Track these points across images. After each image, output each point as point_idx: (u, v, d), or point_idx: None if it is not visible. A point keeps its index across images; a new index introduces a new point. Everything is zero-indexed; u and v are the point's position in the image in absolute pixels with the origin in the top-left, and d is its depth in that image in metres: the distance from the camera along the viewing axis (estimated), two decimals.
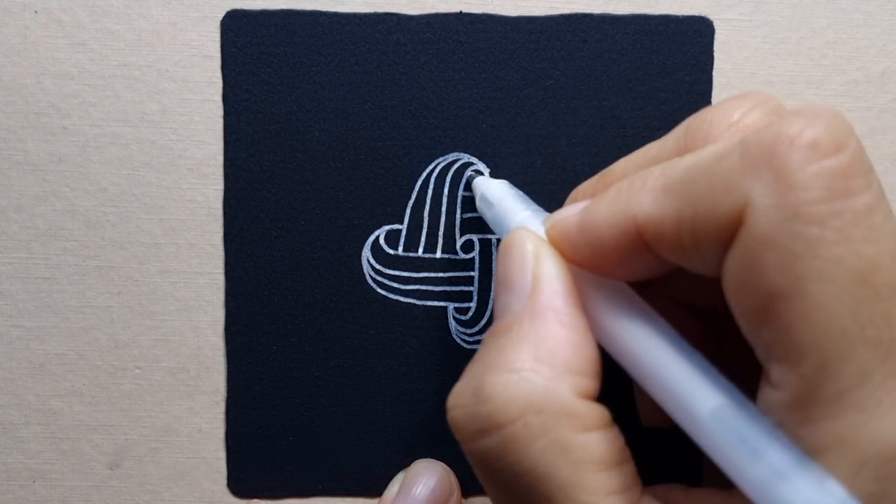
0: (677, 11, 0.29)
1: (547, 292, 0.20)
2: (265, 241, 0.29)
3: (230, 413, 0.30)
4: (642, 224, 0.19)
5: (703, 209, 0.17)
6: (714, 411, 0.18)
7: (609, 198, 0.20)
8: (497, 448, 0.19)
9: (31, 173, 0.29)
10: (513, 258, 0.21)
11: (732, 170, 0.17)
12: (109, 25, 0.29)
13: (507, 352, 0.20)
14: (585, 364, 0.19)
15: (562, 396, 0.19)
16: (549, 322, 0.20)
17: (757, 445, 0.17)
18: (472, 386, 0.20)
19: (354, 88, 0.29)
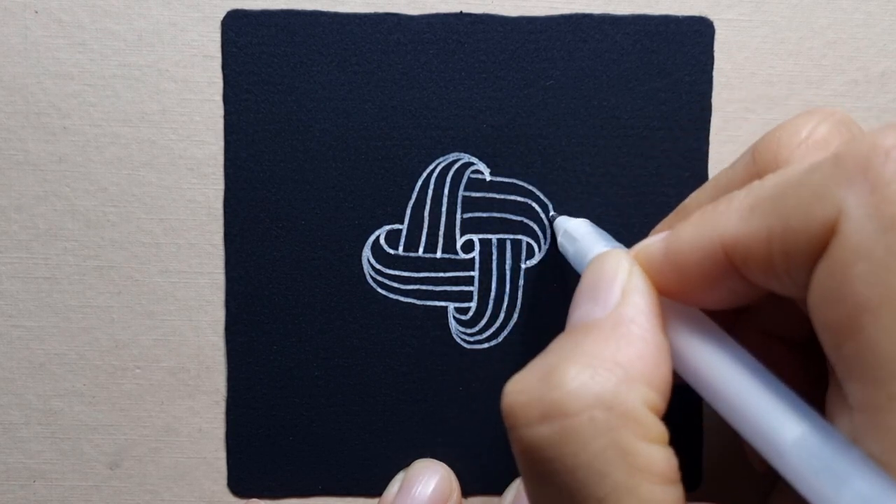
0: (677, 11, 0.29)
1: (633, 306, 0.20)
2: (265, 241, 0.29)
3: (230, 413, 0.30)
4: (729, 244, 0.19)
5: (794, 222, 0.17)
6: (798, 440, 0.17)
7: (694, 221, 0.20)
8: (557, 437, 0.18)
9: (31, 173, 0.29)
10: (604, 270, 0.21)
11: (825, 180, 0.17)
12: (109, 25, 0.29)
13: (586, 347, 0.19)
14: (658, 381, 0.19)
15: (632, 401, 0.18)
16: (632, 332, 0.19)
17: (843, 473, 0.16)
18: (541, 372, 0.19)
19: (354, 88, 0.29)
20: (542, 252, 0.30)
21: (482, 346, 0.30)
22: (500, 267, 0.30)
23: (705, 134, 0.29)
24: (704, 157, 0.30)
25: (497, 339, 0.30)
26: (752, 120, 0.30)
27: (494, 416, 0.30)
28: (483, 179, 0.29)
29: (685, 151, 0.29)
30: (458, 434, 0.30)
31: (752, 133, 0.30)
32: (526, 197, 0.29)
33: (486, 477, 0.30)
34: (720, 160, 0.30)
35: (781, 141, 0.21)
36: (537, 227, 0.29)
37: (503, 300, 0.30)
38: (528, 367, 0.20)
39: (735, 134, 0.30)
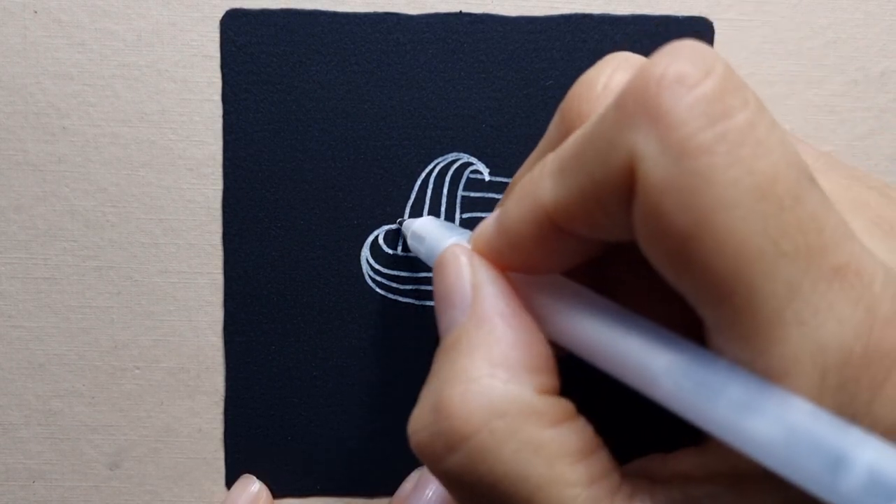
0: (677, 12, 0.29)
1: (488, 297, 0.20)
2: (265, 241, 0.29)
3: (229, 413, 0.30)
4: (551, 209, 0.19)
5: (597, 175, 0.17)
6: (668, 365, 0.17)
7: (515, 196, 0.20)
8: (467, 461, 0.18)
9: (31, 173, 0.29)
10: (448, 273, 0.21)
11: (612, 127, 0.17)
12: (109, 25, 0.29)
13: (460, 363, 0.19)
14: (540, 361, 0.19)
15: (523, 396, 0.18)
16: (497, 326, 0.19)
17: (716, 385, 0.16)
18: (430, 405, 0.19)
19: (354, 88, 0.29)
20: None
21: None
22: None
23: None
24: None
25: None
26: None
27: None
28: (482, 179, 0.29)
29: None
30: None
31: None
32: None
33: None
34: None
35: (581, 96, 0.20)
36: None
37: None
38: (420, 401, 0.20)
39: None
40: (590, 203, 0.18)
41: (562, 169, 0.18)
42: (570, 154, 0.18)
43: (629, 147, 0.16)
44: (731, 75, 0.16)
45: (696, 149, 0.16)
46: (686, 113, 0.16)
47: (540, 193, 0.19)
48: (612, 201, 0.17)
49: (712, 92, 0.16)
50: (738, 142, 0.16)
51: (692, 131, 0.16)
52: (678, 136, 0.16)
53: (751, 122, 0.16)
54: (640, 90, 0.16)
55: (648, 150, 0.16)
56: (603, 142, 0.17)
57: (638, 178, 0.16)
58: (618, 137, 0.17)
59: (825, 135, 0.30)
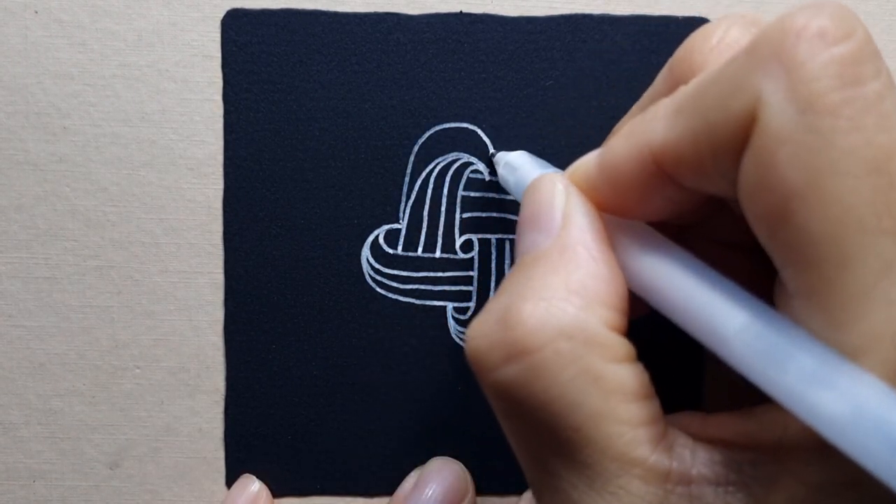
0: (677, 12, 0.29)
1: (577, 228, 0.20)
2: (265, 241, 0.29)
3: (229, 412, 0.30)
4: (658, 150, 0.18)
5: (715, 117, 0.17)
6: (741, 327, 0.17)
7: (623, 134, 0.20)
8: (524, 375, 0.18)
9: (31, 173, 0.29)
10: (541, 197, 0.21)
11: (740, 70, 0.17)
12: (109, 25, 0.29)
13: (537, 281, 0.19)
14: (615, 298, 0.19)
15: (592, 326, 0.18)
16: (580, 255, 0.19)
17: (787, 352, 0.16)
18: (497, 314, 0.19)
19: (354, 88, 0.29)
20: None
21: None
22: (500, 267, 0.30)
23: None
24: None
25: None
26: None
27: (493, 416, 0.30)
28: (482, 179, 0.29)
29: None
30: (457, 433, 0.30)
31: None
32: None
33: (485, 476, 0.30)
34: None
35: (694, 48, 0.20)
36: None
37: None
38: (485, 310, 0.20)
39: None
40: (701, 146, 0.18)
41: (678, 110, 0.18)
42: (689, 96, 0.18)
43: (755, 91, 0.16)
44: (870, 42, 0.16)
45: (823, 107, 0.16)
46: (821, 69, 0.16)
47: (650, 134, 0.19)
48: (724, 146, 0.17)
49: (850, 54, 0.16)
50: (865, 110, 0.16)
51: (823, 89, 0.16)
52: (808, 90, 0.16)
53: (880, 94, 0.16)
54: (778, 37, 0.16)
55: (775, 98, 0.16)
56: (727, 84, 0.17)
57: (758, 124, 0.16)
58: (745, 80, 0.17)
59: None
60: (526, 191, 0.22)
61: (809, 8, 0.16)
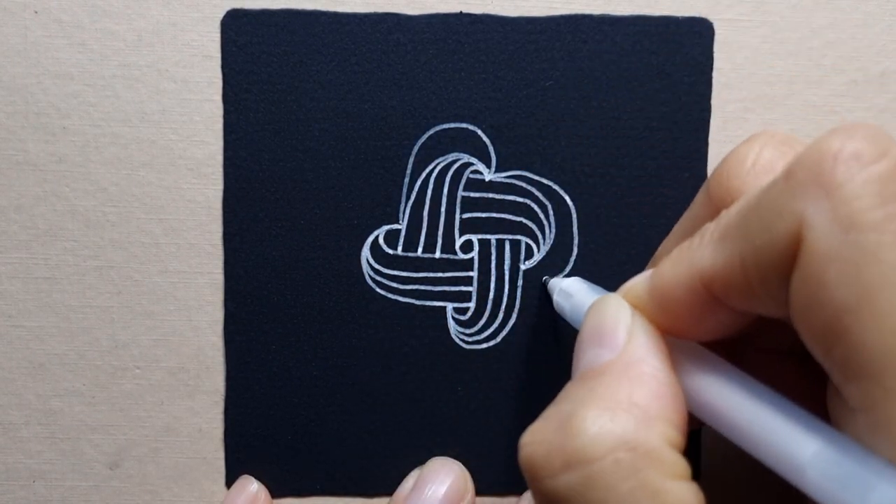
0: (677, 12, 0.29)
1: (641, 346, 0.20)
2: (265, 241, 0.29)
3: (229, 413, 0.30)
4: (707, 276, 0.19)
5: (761, 242, 0.17)
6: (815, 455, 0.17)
7: (672, 259, 0.20)
8: (583, 484, 0.18)
9: (31, 173, 0.29)
10: (605, 315, 0.21)
11: (782, 195, 0.17)
12: (109, 25, 0.29)
13: (601, 391, 0.19)
14: (677, 417, 0.19)
15: (653, 441, 0.18)
16: (644, 372, 0.20)
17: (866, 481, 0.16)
18: (557, 421, 0.19)
19: (354, 88, 0.29)
20: (542, 253, 0.30)
21: (481, 347, 0.30)
22: (499, 267, 0.30)
23: (705, 134, 0.29)
24: (704, 157, 0.30)
25: (496, 340, 0.30)
26: (752, 120, 0.30)
27: (492, 416, 0.30)
28: (482, 180, 0.29)
29: (685, 151, 0.29)
30: (457, 434, 0.30)
31: (751, 133, 0.30)
32: (525, 197, 0.29)
33: (485, 476, 0.30)
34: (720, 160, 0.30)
35: (730, 173, 0.21)
36: (536, 228, 0.29)
37: (502, 300, 0.30)
38: (542, 417, 0.20)
39: (735, 134, 0.30)
40: (749, 270, 0.18)
41: (723, 236, 0.19)
42: (733, 221, 0.19)
43: (798, 215, 0.17)
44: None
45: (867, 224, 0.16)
46: (860, 188, 0.16)
47: (698, 259, 0.19)
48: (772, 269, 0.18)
49: (887, 172, 0.16)
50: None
51: (865, 206, 0.16)
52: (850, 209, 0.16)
53: None
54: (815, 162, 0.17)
55: (818, 220, 0.16)
56: (769, 209, 0.17)
57: (804, 246, 0.17)
58: (787, 205, 0.17)
59: None
60: (590, 309, 0.22)
61: (843, 131, 0.17)
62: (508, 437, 0.30)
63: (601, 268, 0.30)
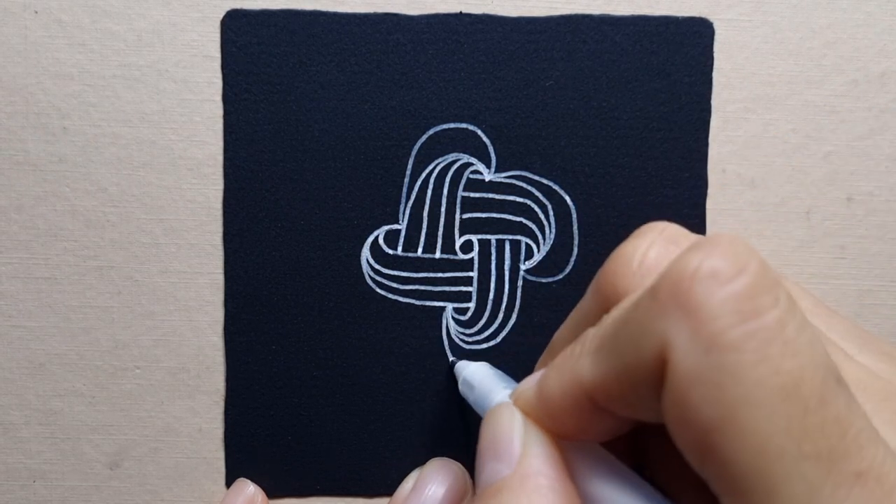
0: (677, 12, 0.29)
1: (536, 457, 0.20)
2: (265, 241, 0.29)
3: (229, 413, 0.30)
4: (588, 388, 0.19)
5: (630, 360, 0.18)
6: None
7: (556, 367, 0.20)
8: None
9: (31, 173, 0.29)
10: (500, 427, 0.21)
11: (646, 315, 0.17)
12: (109, 26, 0.29)
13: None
14: None
15: None
16: (541, 486, 0.20)
17: None
18: None
19: (354, 88, 0.29)
20: (542, 253, 0.30)
21: (481, 347, 0.30)
22: (499, 267, 0.30)
23: (705, 134, 0.29)
24: (704, 157, 0.30)
25: (496, 340, 0.30)
26: (752, 120, 0.30)
27: None
28: (482, 180, 0.29)
29: (685, 151, 0.29)
30: (457, 434, 0.30)
31: (751, 133, 0.30)
32: (525, 198, 0.29)
33: None
34: (720, 160, 0.30)
35: (616, 272, 0.21)
36: (536, 228, 0.29)
37: (502, 301, 0.30)
38: None
39: (735, 134, 0.30)
40: (624, 385, 0.18)
41: (598, 349, 0.19)
42: (606, 336, 0.19)
43: (661, 336, 0.17)
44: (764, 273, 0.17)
45: (726, 344, 0.16)
46: (718, 308, 0.16)
47: (578, 371, 0.19)
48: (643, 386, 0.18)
49: (744, 289, 0.16)
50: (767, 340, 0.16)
51: (723, 327, 0.16)
52: (709, 330, 0.16)
53: (781, 322, 0.16)
54: (674, 282, 0.17)
55: (679, 341, 0.17)
56: (636, 328, 0.18)
57: (669, 366, 0.17)
58: (650, 325, 0.17)
59: (825, 135, 0.30)
60: (484, 421, 0.22)
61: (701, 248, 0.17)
62: None
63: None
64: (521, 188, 0.29)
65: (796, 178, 0.30)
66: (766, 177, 0.30)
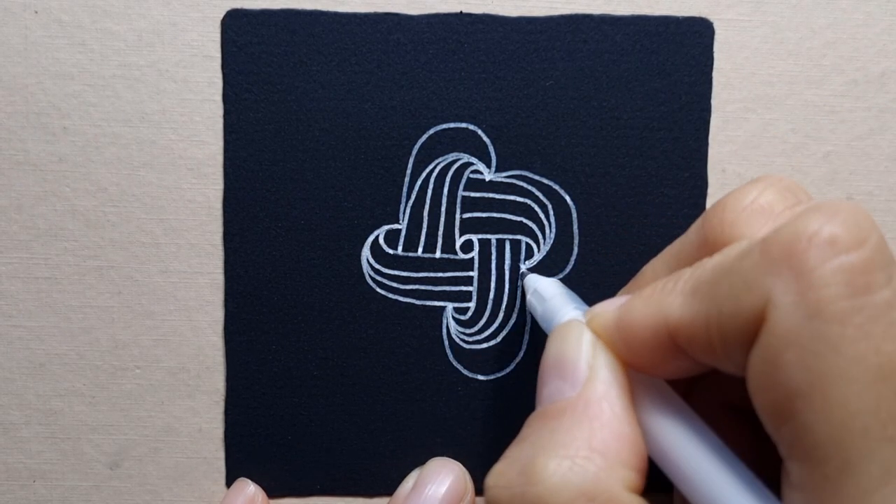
0: (677, 12, 0.29)
1: (602, 382, 0.20)
2: (265, 241, 0.29)
3: (229, 413, 0.30)
4: (674, 326, 0.19)
5: (727, 309, 0.18)
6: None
7: (644, 297, 0.20)
8: None
9: (31, 173, 0.29)
10: (568, 346, 0.21)
11: (753, 268, 0.17)
12: (109, 25, 0.29)
13: (561, 436, 0.19)
14: (635, 458, 0.19)
15: (613, 488, 0.19)
16: (605, 411, 0.20)
17: None
18: (519, 466, 0.19)
19: (354, 88, 0.29)
20: (542, 253, 0.30)
21: (481, 346, 0.30)
22: (500, 267, 0.30)
23: (705, 134, 0.29)
24: (704, 157, 0.30)
25: (496, 339, 0.30)
26: (752, 120, 0.30)
27: (493, 416, 0.30)
28: (482, 179, 0.29)
29: (685, 151, 0.29)
30: (457, 434, 0.30)
31: (751, 133, 0.30)
32: (525, 197, 0.29)
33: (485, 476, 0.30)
34: (720, 160, 0.30)
35: (727, 207, 0.21)
36: (536, 228, 0.29)
37: (502, 300, 0.30)
38: (506, 458, 0.20)
39: (735, 134, 0.30)
40: (713, 332, 0.18)
41: (694, 291, 0.19)
42: (707, 280, 0.19)
43: (765, 291, 0.17)
44: (883, 249, 0.17)
45: (831, 314, 0.16)
46: (830, 276, 0.16)
47: (667, 307, 0.19)
48: (734, 337, 0.18)
49: (860, 262, 0.16)
50: (874, 318, 0.16)
51: (832, 296, 0.16)
52: (817, 296, 0.16)
53: (889, 303, 0.16)
54: (790, 241, 0.17)
55: (784, 300, 0.16)
56: (740, 279, 0.17)
57: (766, 324, 0.17)
58: (756, 279, 0.17)
59: (825, 135, 0.30)
60: (552, 334, 0.22)
61: (823, 212, 0.17)
62: (508, 438, 0.30)
63: (601, 268, 0.30)
64: (521, 188, 0.29)
65: (796, 178, 0.30)
66: None
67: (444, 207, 0.29)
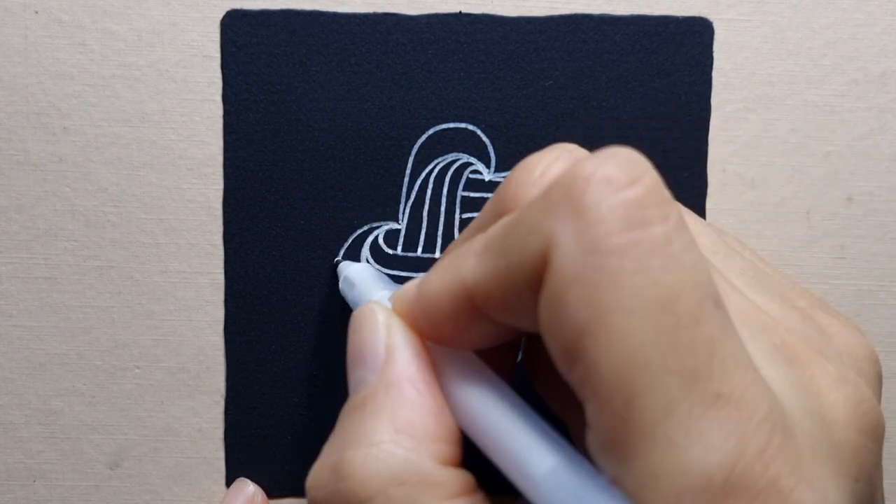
0: (677, 12, 0.29)
1: (400, 361, 0.20)
2: (265, 241, 0.29)
3: (229, 412, 0.30)
4: (470, 287, 0.19)
5: (514, 258, 0.18)
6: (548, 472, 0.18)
7: (440, 266, 0.20)
8: None
9: (31, 173, 0.29)
10: (364, 331, 0.21)
11: (537, 214, 0.17)
12: (109, 25, 0.29)
13: (365, 425, 0.19)
14: (445, 430, 0.19)
15: (423, 466, 0.19)
16: (405, 390, 0.19)
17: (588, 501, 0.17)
18: (330, 463, 0.20)
19: (354, 88, 0.29)
20: None
21: None
22: None
23: (705, 134, 0.29)
24: (704, 157, 0.30)
25: None
26: (752, 120, 0.30)
27: None
28: (482, 179, 0.29)
29: (685, 151, 0.29)
30: None
31: (751, 133, 0.30)
32: None
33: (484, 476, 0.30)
34: (720, 160, 0.30)
35: (518, 180, 0.21)
36: None
37: None
38: (321, 457, 0.20)
39: (735, 134, 0.30)
40: (505, 284, 0.18)
41: (485, 248, 0.19)
42: (495, 235, 0.19)
43: (547, 234, 0.17)
44: (657, 188, 0.17)
45: (609, 248, 0.16)
46: (606, 213, 0.16)
47: (462, 269, 0.19)
48: (524, 286, 0.18)
49: (635, 199, 0.17)
50: (650, 251, 0.16)
51: (608, 231, 0.16)
52: (594, 232, 0.16)
53: (667, 237, 0.16)
54: (568, 183, 0.17)
55: (564, 240, 0.17)
56: (525, 226, 0.18)
57: (550, 265, 0.17)
58: (539, 224, 0.17)
59: (825, 135, 0.30)
60: (352, 320, 0.22)
61: (600, 156, 0.17)
62: None
63: None
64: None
65: (796, 178, 0.30)
66: (766, 177, 0.30)
67: (443, 207, 0.29)
